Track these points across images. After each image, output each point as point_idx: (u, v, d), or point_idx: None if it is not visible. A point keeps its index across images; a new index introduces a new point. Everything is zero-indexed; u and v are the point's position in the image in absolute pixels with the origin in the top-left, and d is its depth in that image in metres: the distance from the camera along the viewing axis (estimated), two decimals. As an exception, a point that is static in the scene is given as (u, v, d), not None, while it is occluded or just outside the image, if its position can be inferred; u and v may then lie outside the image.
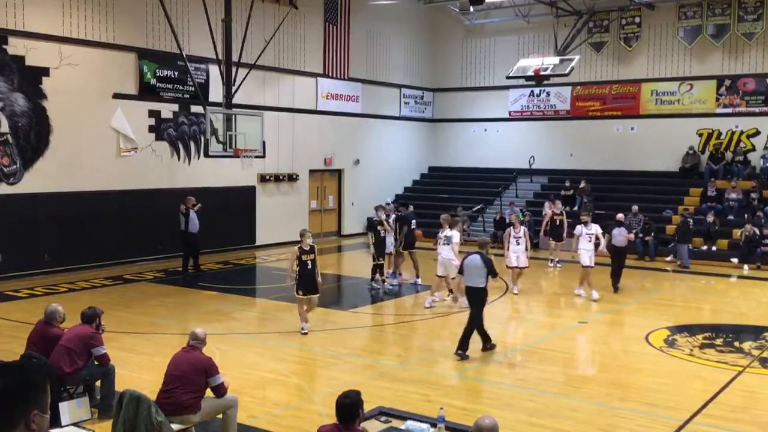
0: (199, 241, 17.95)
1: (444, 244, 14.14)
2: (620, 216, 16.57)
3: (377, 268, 15.98)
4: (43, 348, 8.03)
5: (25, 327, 11.53)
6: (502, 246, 22.98)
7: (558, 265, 19.44)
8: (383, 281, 15.99)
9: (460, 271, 11.09)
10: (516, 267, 15.62)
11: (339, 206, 25.28)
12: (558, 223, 19.85)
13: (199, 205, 17.87)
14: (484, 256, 10.73)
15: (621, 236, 15.88)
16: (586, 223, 15.52)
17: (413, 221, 17.20)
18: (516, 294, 15.45)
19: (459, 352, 10.57)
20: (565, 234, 19.45)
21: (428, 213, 22.63)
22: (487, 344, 10.90)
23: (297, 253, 11.74)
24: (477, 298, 10.77)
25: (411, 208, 18.62)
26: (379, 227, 15.95)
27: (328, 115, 24.29)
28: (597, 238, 15.37)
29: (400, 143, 27.79)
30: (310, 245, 11.87)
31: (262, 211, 22.10)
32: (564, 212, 20.26)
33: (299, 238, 12.00)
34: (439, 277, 14.24)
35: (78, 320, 8.26)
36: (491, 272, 10.65)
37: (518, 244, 15.60)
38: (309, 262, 11.76)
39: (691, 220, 20.49)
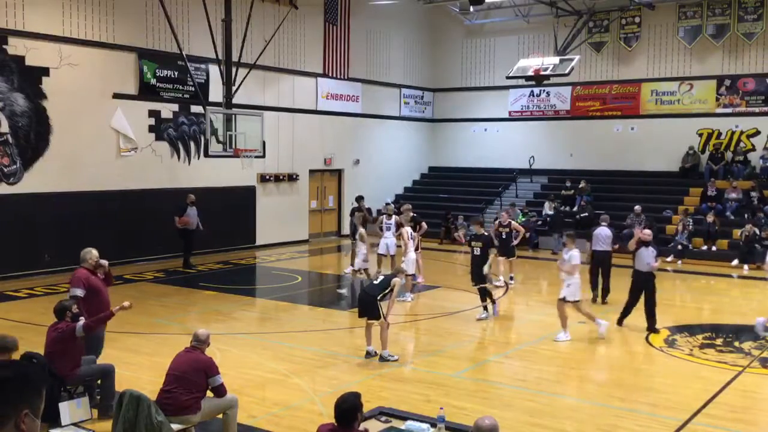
0: (194, 238, 18.19)
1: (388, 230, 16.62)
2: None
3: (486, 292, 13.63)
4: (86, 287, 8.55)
5: (26, 327, 11.57)
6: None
7: (511, 282, 16.80)
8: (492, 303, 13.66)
9: (589, 239, 14.75)
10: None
11: (339, 206, 25.28)
12: (504, 236, 16.22)
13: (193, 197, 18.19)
14: (611, 228, 14.70)
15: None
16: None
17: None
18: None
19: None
20: (514, 246, 16.47)
21: (428, 213, 22.63)
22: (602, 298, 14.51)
23: None
24: (604, 259, 14.42)
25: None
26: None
27: (328, 115, 24.30)
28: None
29: (400, 143, 27.79)
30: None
31: (262, 211, 22.09)
32: (511, 223, 16.63)
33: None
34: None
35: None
36: (615, 240, 14.69)
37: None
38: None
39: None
